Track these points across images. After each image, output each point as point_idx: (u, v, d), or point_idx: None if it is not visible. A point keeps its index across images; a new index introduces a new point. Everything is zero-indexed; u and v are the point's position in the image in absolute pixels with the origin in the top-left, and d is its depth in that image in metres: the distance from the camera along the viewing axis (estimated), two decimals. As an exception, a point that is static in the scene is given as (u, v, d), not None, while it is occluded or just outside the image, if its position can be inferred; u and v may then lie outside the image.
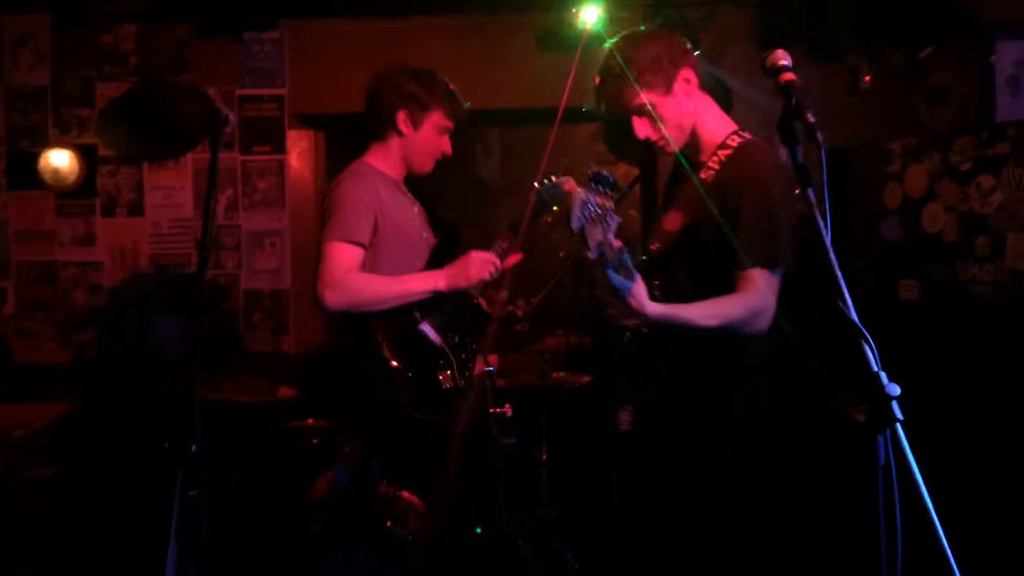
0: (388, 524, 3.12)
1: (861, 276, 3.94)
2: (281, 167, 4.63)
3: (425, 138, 2.81)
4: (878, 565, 1.49)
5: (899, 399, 1.42)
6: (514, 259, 3.43)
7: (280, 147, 4.63)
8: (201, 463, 1.47)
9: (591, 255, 1.94)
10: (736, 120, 4.42)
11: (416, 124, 2.79)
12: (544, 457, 3.91)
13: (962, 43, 4.21)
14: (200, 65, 4.52)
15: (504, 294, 4.99)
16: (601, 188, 1.98)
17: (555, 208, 2.74)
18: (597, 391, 3.94)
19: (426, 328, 2.72)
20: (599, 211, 1.94)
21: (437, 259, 2.92)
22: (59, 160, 4.52)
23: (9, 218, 4.56)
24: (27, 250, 4.55)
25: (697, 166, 2.33)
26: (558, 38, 4.36)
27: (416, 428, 3.76)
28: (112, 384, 4.35)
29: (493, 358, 3.71)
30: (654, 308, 2.02)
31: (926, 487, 1.39)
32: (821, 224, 1.61)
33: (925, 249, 3.80)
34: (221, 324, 4.51)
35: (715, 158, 2.30)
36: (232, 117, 2.06)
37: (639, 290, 2.00)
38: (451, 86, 2.85)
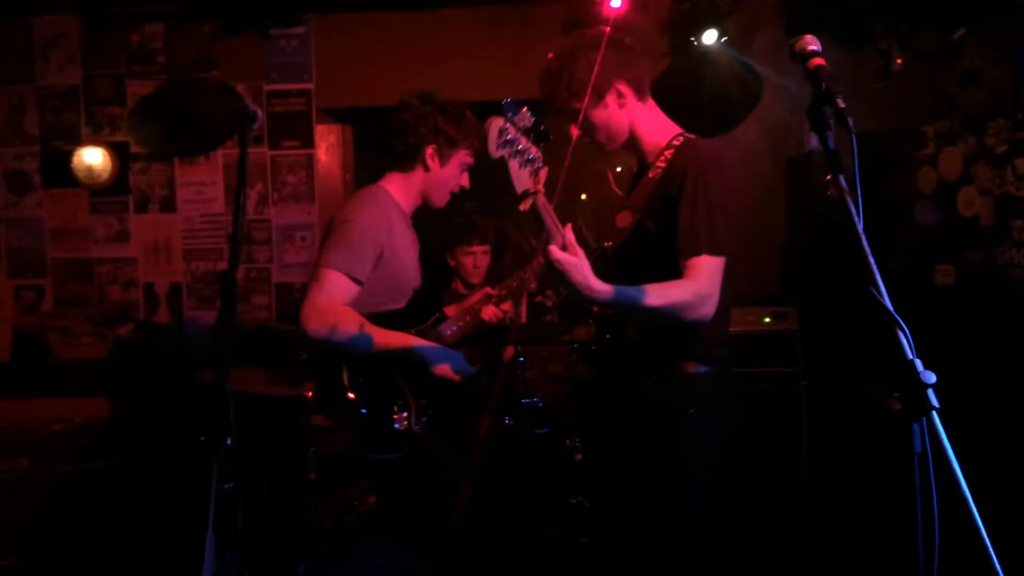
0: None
1: (895, 261, 3.89)
2: (310, 161, 4.66)
3: (449, 175, 2.76)
4: (915, 554, 1.48)
5: (935, 387, 1.40)
6: (508, 353, 3.50)
7: (308, 141, 4.66)
8: (235, 457, 1.49)
9: (521, 203, 1.96)
10: (766, 105, 4.41)
11: (443, 160, 2.73)
12: (577, 448, 3.90)
13: (994, 24, 4.14)
14: (228, 62, 4.57)
15: (533, 284, 5.00)
16: (512, 116, 1.94)
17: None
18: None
19: None
20: (518, 143, 1.93)
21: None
22: (92, 158, 4.58)
23: (44, 216, 4.63)
24: (63, 247, 4.63)
25: (645, 168, 2.38)
26: (584, 25, 4.33)
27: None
28: (148, 379, 4.41)
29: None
30: (600, 285, 2.00)
31: (964, 475, 1.38)
32: (853, 210, 1.59)
33: (961, 233, 3.75)
34: (254, 318, 4.57)
35: (662, 158, 2.34)
36: (260, 113, 2.07)
37: (583, 266, 1.97)
38: (478, 122, 2.73)
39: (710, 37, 4.12)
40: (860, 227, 1.58)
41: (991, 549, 1.38)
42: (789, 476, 3.89)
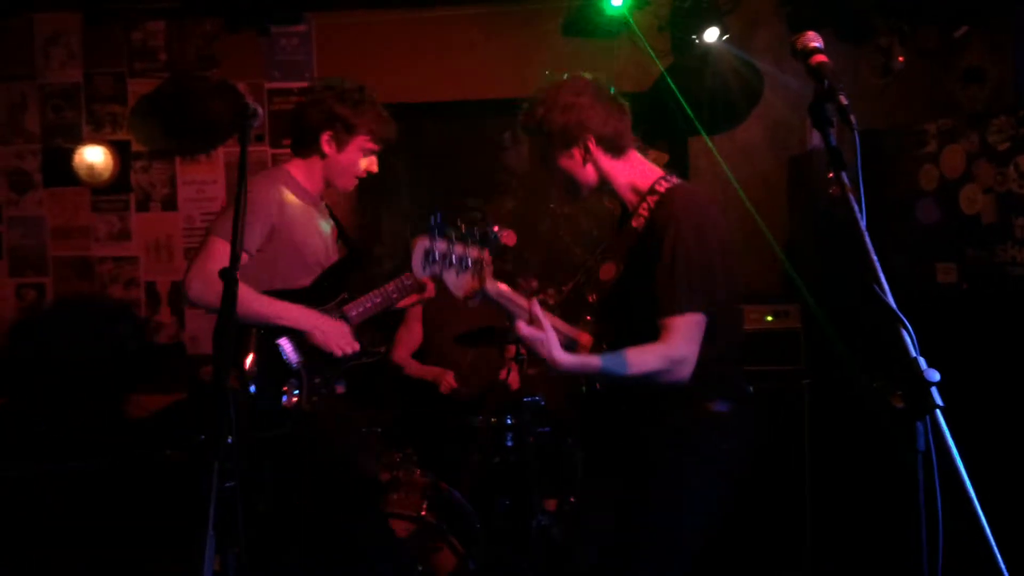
0: (422, 512, 3.14)
1: (897, 259, 3.89)
2: (310, 160, 4.65)
3: (348, 160, 2.74)
4: (919, 552, 1.47)
5: (939, 385, 1.40)
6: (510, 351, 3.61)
7: (309, 140, 4.64)
8: (236, 455, 1.49)
9: (468, 303, 2.07)
10: (767, 103, 4.40)
11: (340, 146, 2.71)
12: (578, 445, 3.90)
13: (997, 21, 4.13)
14: (229, 60, 4.56)
15: (534, 282, 5.00)
16: (438, 234, 2.02)
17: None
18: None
19: (284, 343, 2.60)
20: (451, 256, 2.02)
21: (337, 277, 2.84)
22: (94, 156, 4.58)
23: (45, 215, 4.63)
24: (64, 246, 4.62)
25: (628, 216, 2.33)
26: (584, 24, 4.34)
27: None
28: (149, 378, 4.41)
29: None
30: (564, 358, 2.00)
31: (967, 473, 1.37)
32: (856, 208, 1.58)
33: (963, 231, 3.74)
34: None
35: (644, 205, 2.28)
36: (261, 110, 2.07)
37: (549, 340, 1.97)
38: (380, 108, 2.76)
39: (711, 35, 4.12)
40: (863, 225, 1.57)
41: (995, 547, 1.38)
42: (791, 475, 3.88)
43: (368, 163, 2.77)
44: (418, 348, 4.24)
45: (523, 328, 1.94)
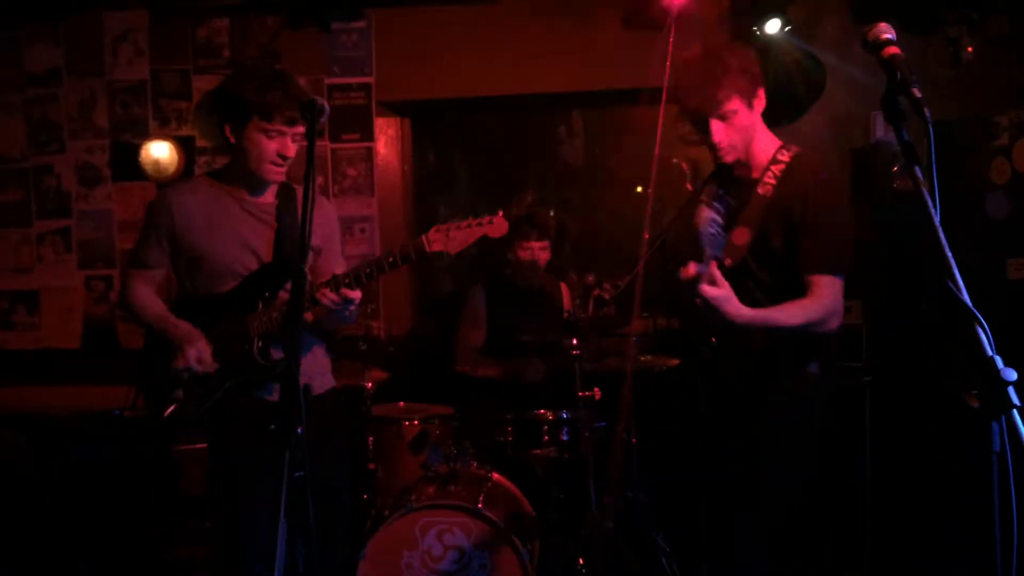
0: (479, 504, 3.16)
1: (966, 255, 3.78)
2: (369, 154, 4.71)
3: (252, 146, 2.50)
4: (993, 553, 1.44)
5: (1016, 384, 1.37)
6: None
7: (368, 135, 4.70)
8: (306, 445, 1.52)
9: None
10: (829, 95, 4.32)
11: (239, 133, 2.50)
12: (634, 440, 3.89)
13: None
14: (290, 56, 4.62)
15: (591, 277, 4.99)
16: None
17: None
18: (685, 374, 3.90)
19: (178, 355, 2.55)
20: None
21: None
22: (159, 152, 4.69)
23: (113, 208, 4.75)
24: (131, 239, 4.70)
25: (752, 182, 2.44)
26: (644, 17, 4.30)
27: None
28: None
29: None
30: (747, 312, 2.22)
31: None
32: (929, 203, 1.55)
33: (1035, 224, 3.63)
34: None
35: (769, 173, 2.41)
36: (327, 106, 2.10)
37: (732, 298, 2.18)
38: (283, 83, 2.49)
39: (773, 26, 4.05)
40: (937, 220, 1.54)
41: None
42: (852, 474, 3.82)
43: (279, 146, 2.49)
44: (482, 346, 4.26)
45: (707, 289, 2.12)
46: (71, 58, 4.73)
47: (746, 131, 2.43)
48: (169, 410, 2.42)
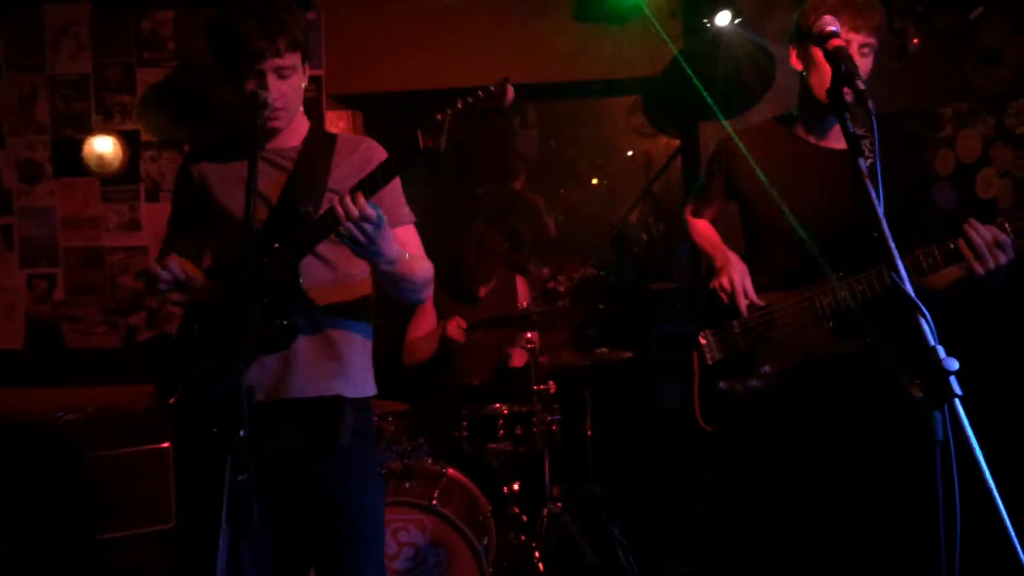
0: (434, 501, 3.14)
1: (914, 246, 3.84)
2: (320, 148, 4.64)
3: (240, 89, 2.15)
4: (937, 542, 1.46)
5: (957, 374, 1.38)
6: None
7: (319, 127, 4.63)
8: (249, 448, 1.48)
9: None
10: (780, 87, 4.36)
11: (229, 78, 2.17)
12: (589, 433, 3.91)
13: (1013, 2, 4.07)
14: (238, 48, 4.53)
15: (546, 271, 4.99)
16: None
17: None
18: (640, 366, 3.92)
19: None
20: None
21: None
22: (103, 146, 4.58)
23: (56, 205, 4.63)
24: (74, 236, 4.62)
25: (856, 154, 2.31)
26: (596, 9, 4.31)
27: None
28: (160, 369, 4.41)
29: (533, 335, 3.71)
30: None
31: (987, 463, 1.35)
32: (873, 194, 1.56)
33: (979, 215, 3.68)
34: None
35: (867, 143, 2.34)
36: (270, 98, 2.04)
37: None
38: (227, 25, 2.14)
39: (723, 19, 4.08)
40: (881, 211, 1.55)
41: (1014, 536, 1.36)
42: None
43: (248, 86, 2.11)
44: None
45: None
46: (10, 52, 4.59)
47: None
48: (174, 399, 2.16)
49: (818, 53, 2.19)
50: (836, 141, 2.43)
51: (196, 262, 2.28)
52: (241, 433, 1.47)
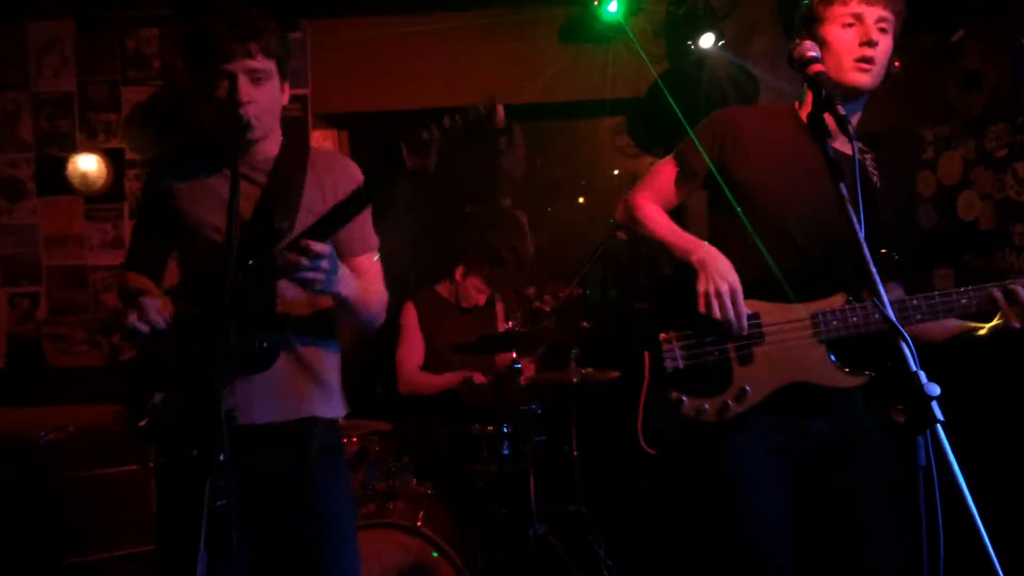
0: (419, 523, 3.12)
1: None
2: (306, 167, 4.63)
3: (210, 92, 2.07)
4: (920, 567, 1.45)
5: (939, 399, 1.38)
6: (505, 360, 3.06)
7: (304, 147, 4.62)
8: (229, 473, 1.46)
9: None
10: (763, 110, 4.37)
11: (196, 78, 2.09)
12: (575, 453, 3.89)
13: (993, 26, 4.12)
14: (224, 67, 4.53)
15: (531, 290, 4.99)
16: None
17: None
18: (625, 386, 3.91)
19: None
20: None
21: None
22: (87, 165, 4.56)
23: (39, 223, 4.60)
24: (57, 255, 4.60)
25: (861, 166, 2.07)
26: (581, 31, 4.33)
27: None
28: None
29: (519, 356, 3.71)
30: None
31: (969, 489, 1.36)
32: (854, 218, 1.57)
33: (960, 237, 3.73)
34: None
35: (869, 159, 2.26)
36: (254, 120, 2.02)
37: None
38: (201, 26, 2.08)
39: (707, 41, 4.11)
40: (861, 235, 1.56)
41: (996, 561, 1.36)
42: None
43: (219, 91, 2.03)
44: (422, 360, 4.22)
45: None
46: (-7, 69, 4.59)
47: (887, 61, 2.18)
48: (144, 421, 2.07)
49: (830, 32, 2.08)
50: (846, 145, 2.15)
51: (159, 275, 2.26)
52: (221, 457, 1.46)
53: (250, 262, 1.97)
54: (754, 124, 2.24)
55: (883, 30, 2.09)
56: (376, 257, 2.25)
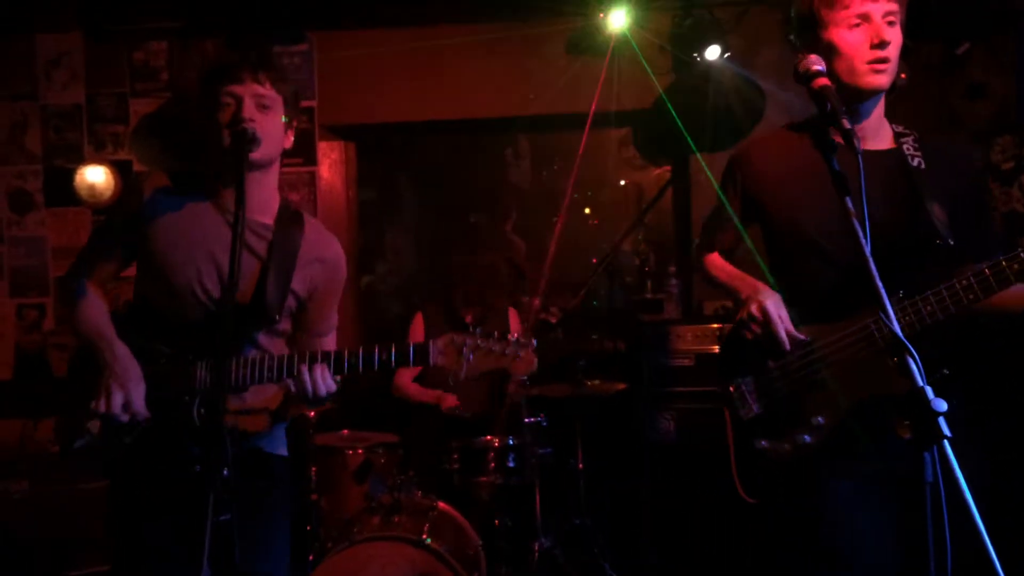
0: (424, 535, 3.10)
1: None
2: (312, 178, 4.65)
3: (210, 120, 2.08)
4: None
5: (947, 415, 1.37)
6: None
7: (311, 159, 4.65)
8: (232, 487, 1.46)
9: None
10: (769, 122, 4.39)
11: (201, 109, 2.11)
12: (580, 466, 3.88)
13: (999, 38, 4.12)
14: (231, 79, 4.55)
15: (537, 301, 4.98)
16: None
17: None
18: (631, 398, 3.91)
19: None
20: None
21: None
22: (95, 176, 4.58)
23: (47, 235, 4.62)
24: (65, 266, 4.57)
25: (900, 155, 2.11)
26: (587, 43, 4.34)
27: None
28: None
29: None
30: None
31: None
32: (860, 233, 1.56)
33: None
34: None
35: (907, 143, 2.15)
36: (260, 134, 2.02)
37: None
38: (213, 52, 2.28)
39: (713, 53, 4.11)
40: (868, 250, 1.55)
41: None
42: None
43: (223, 115, 2.03)
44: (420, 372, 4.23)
45: None
46: (1, 81, 4.61)
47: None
48: (80, 442, 2.02)
49: (837, 35, 2.02)
50: (872, 141, 2.11)
51: (107, 287, 2.32)
52: (225, 472, 1.46)
53: (250, 355, 2.02)
54: (769, 152, 2.21)
55: (891, 23, 2.03)
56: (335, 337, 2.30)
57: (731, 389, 2.17)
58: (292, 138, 2.16)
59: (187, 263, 2.09)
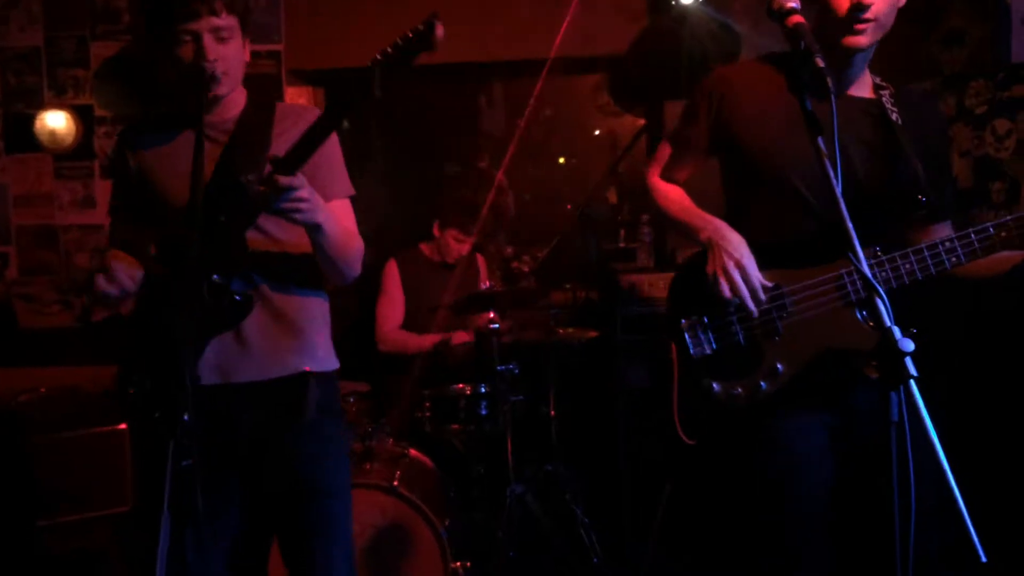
0: (395, 483, 3.11)
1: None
2: (280, 124, 4.55)
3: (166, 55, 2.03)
4: (891, 524, 1.45)
5: (914, 355, 1.37)
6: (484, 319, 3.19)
7: (278, 104, 4.54)
8: (193, 433, 1.44)
9: None
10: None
11: (159, 43, 2.04)
12: (552, 413, 3.89)
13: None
14: (194, 21, 4.42)
15: (509, 250, 4.95)
16: None
17: None
18: (604, 346, 3.91)
19: None
20: None
21: None
22: (55, 122, 4.46)
23: (8, 182, 4.51)
24: (27, 214, 4.51)
25: (880, 107, 2.06)
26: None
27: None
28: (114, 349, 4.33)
29: (495, 316, 3.69)
30: None
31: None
32: (831, 173, 1.54)
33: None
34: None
35: (886, 95, 2.09)
36: (218, 70, 1.97)
37: None
38: None
39: (688, -4, 4.04)
40: (839, 191, 1.54)
41: (967, 517, 1.35)
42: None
43: (184, 50, 1.98)
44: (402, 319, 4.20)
45: None
46: (-43, 25, 4.46)
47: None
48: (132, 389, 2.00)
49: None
50: (860, 89, 2.06)
51: (142, 252, 2.14)
52: (185, 417, 1.43)
53: (222, 219, 1.92)
54: (748, 80, 2.08)
55: None
56: (349, 205, 2.22)
57: (683, 322, 2.05)
58: (249, 50, 2.13)
59: (181, 183, 1.99)
